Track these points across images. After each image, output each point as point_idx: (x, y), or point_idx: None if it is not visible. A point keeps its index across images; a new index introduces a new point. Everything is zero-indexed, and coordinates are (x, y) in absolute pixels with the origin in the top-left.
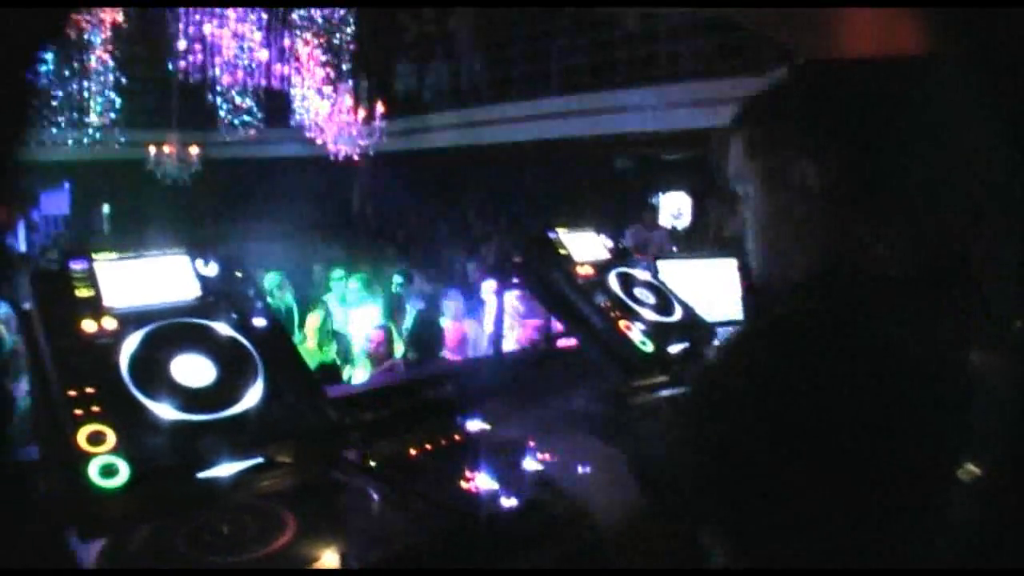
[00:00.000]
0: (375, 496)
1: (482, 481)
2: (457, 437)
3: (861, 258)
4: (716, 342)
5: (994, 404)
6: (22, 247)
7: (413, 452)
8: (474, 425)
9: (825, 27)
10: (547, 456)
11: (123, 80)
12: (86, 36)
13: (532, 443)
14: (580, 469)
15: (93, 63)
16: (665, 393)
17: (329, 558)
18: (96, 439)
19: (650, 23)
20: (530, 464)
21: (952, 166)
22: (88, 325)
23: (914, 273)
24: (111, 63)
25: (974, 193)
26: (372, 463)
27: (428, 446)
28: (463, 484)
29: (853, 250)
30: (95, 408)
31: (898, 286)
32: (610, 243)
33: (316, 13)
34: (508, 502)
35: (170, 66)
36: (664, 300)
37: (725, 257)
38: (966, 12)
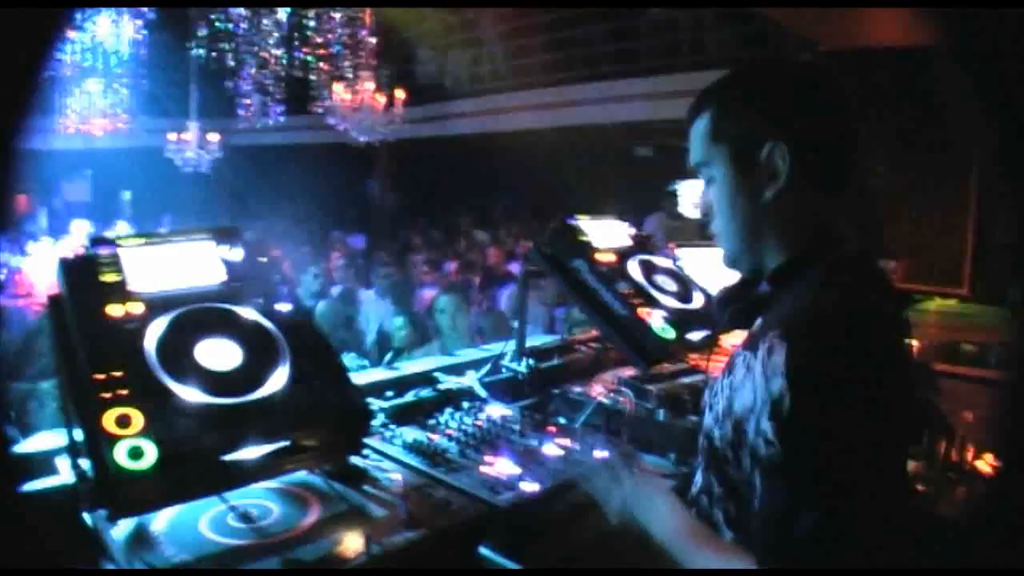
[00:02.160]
0: (398, 481)
1: (504, 466)
2: (479, 423)
3: (835, 241)
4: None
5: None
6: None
7: (435, 437)
8: (495, 411)
9: (847, 17)
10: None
11: (144, 67)
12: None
13: (553, 430)
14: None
15: (115, 50)
16: (686, 380)
17: (352, 541)
18: (123, 422)
19: (674, 12)
20: (551, 450)
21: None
22: (114, 310)
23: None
24: (134, 50)
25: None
26: (395, 448)
27: (450, 432)
28: (485, 469)
29: (824, 233)
30: (122, 391)
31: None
32: (632, 230)
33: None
34: (530, 487)
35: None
36: (685, 287)
37: None
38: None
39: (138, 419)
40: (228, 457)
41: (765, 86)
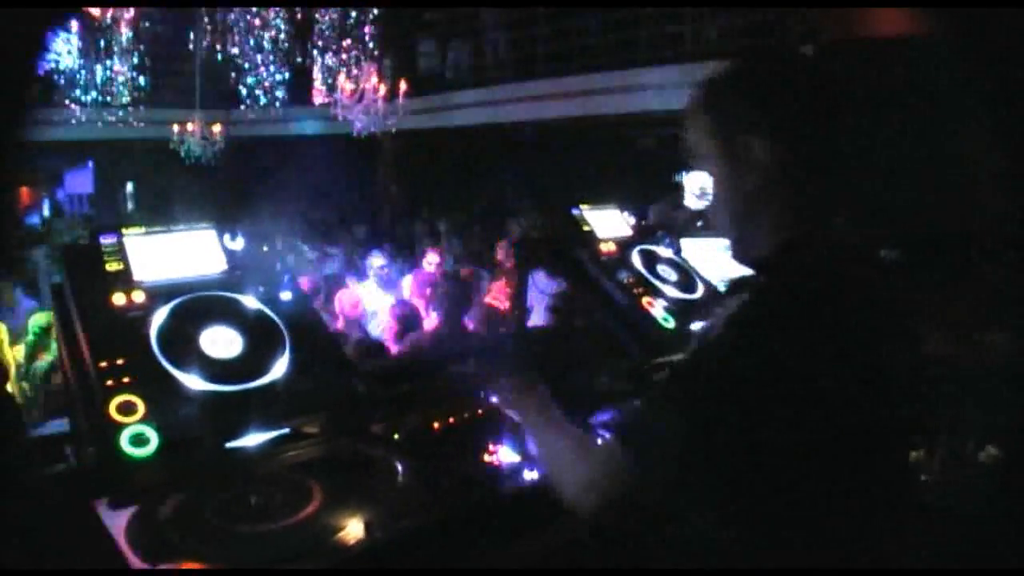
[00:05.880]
0: (399, 468)
1: (504, 455)
2: (480, 412)
3: (819, 233)
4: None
5: (1009, 384)
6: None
7: (437, 426)
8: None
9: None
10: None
11: (147, 58)
12: (110, 14)
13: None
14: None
15: (117, 41)
16: None
17: (354, 528)
18: (127, 409)
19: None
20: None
21: (913, 147)
22: (118, 298)
23: (878, 248)
24: (135, 41)
25: (950, 173)
26: (396, 436)
27: (452, 420)
28: (486, 458)
29: (809, 225)
30: (126, 379)
31: (863, 262)
32: (634, 220)
33: None
34: (530, 475)
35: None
36: (687, 277)
37: None
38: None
39: (141, 406)
40: (230, 444)
41: (753, 78)
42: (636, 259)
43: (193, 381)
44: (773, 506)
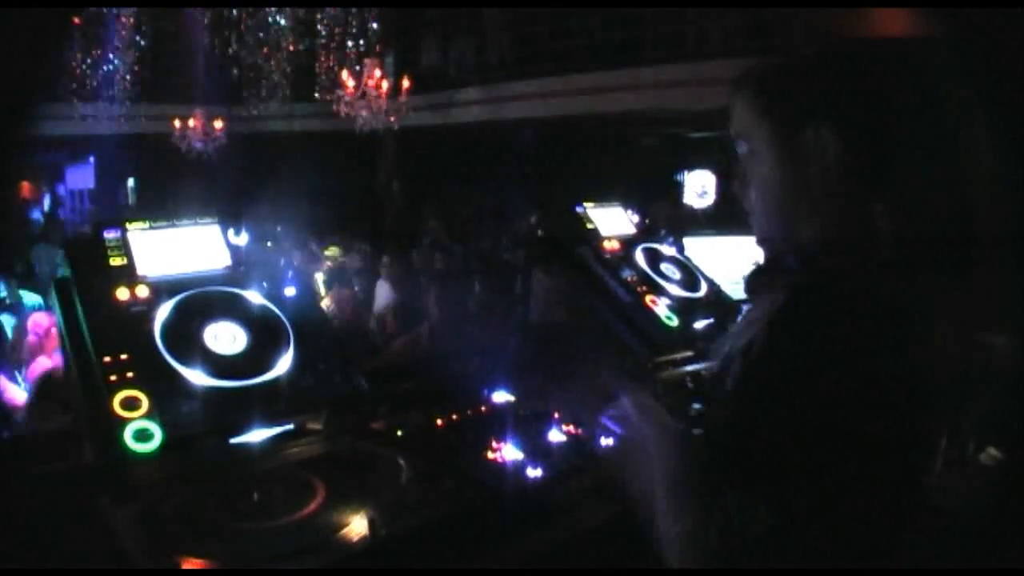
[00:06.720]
0: (402, 466)
1: (508, 452)
2: (483, 409)
3: (869, 232)
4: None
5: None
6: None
7: (440, 423)
8: (500, 397)
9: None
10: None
11: (149, 54)
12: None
13: (557, 415)
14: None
15: (118, 37)
16: (690, 368)
17: (356, 525)
18: (130, 405)
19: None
20: (555, 435)
21: (972, 147)
22: (122, 293)
23: (923, 250)
24: (137, 37)
25: (988, 175)
26: (399, 433)
27: (455, 417)
28: (489, 455)
29: (861, 222)
30: (129, 374)
31: (909, 263)
32: (637, 218)
33: None
34: (534, 473)
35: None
36: (690, 276)
37: (750, 235)
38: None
39: (145, 402)
40: (234, 440)
41: (821, 68)
42: (639, 257)
43: (197, 377)
44: (830, 508)
